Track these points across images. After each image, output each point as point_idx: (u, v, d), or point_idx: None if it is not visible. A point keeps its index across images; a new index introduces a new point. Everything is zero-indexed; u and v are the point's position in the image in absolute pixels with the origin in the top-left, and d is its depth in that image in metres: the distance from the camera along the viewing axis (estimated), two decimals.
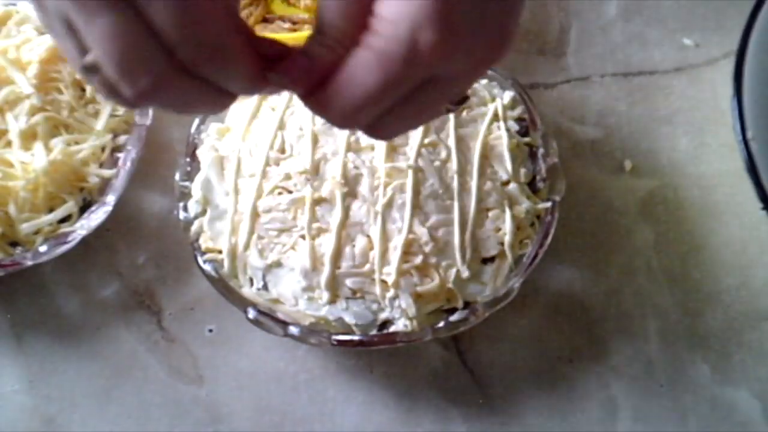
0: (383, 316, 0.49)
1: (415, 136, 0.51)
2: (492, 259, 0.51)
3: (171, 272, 0.57)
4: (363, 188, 0.50)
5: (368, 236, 0.49)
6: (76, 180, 0.54)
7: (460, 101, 0.48)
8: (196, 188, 0.53)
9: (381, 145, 0.51)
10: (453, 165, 0.51)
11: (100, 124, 0.55)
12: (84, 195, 0.55)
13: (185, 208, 0.53)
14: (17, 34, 0.57)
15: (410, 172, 0.50)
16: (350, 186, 0.50)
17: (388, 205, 0.50)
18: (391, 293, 0.48)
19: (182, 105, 0.33)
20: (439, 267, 0.49)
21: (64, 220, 0.53)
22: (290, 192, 0.51)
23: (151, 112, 0.56)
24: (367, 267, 0.49)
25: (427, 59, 0.31)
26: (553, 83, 0.63)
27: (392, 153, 0.51)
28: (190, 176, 0.54)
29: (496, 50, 0.33)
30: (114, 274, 0.57)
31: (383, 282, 0.48)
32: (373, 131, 0.36)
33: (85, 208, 0.54)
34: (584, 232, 0.58)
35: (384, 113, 0.34)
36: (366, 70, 0.32)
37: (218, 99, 0.33)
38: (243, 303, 0.50)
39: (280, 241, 0.50)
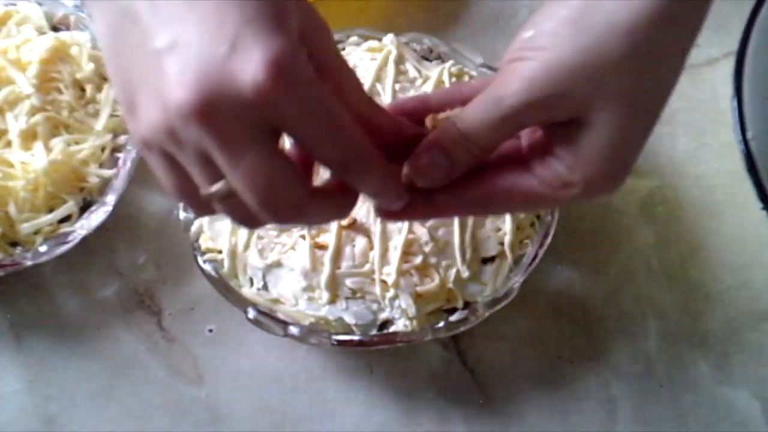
0: (383, 316, 0.49)
1: None
2: (492, 259, 0.51)
3: (171, 272, 0.57)
4: None
5: (368, 236, 0.49)
6: (76, 180, 0.54)
7: None
8: None
9: None
10: None
11: (100, 124, 0.55)
12: (84, 195, 0.55)
13: (185, 208, 0.53)
14: (17, 34, 0.57)
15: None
16: None
17: None
18: (391, 293, 0.48)
19: (316, 221, 0.35)
20: (439, 267, 0.49)
21: (64, 220, 0.53)
22: None
23: None
24: (367, 267, 0.49)
25: (561, 204, 0.36)
26: None
27: None
28: None
29: (612, 191, 0.36)
30: (114, 274, 0.57)
31: (383, 282, 0.48)
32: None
33: (85, 208, 0.54)
34: (584, 232, 0.58)
35: None
36: (531, 201, 0.35)
37: (347, 207, 0.35)
38: (243, 303, 0.50)
39: (280, 241, 0.50)
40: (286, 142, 0.36)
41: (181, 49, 0.29)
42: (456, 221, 0.50)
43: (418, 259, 0.49)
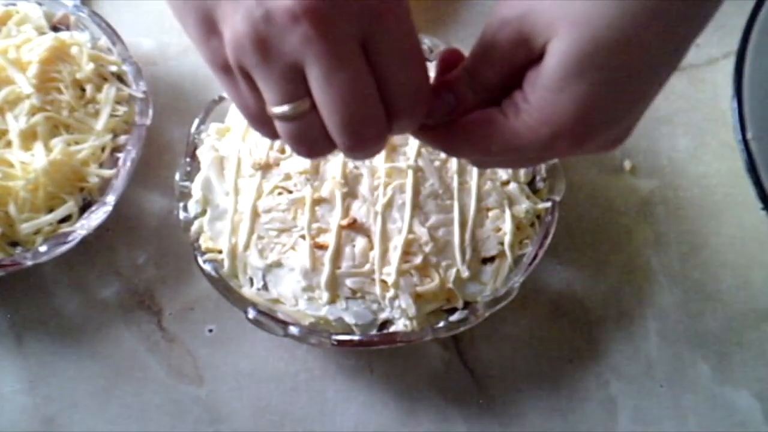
0: (383, 316, 0.49)
1: None
2: (492, 259, 0.51)
3: (171, 272, 0.57)
4: (363, 188, 0.50)
5: (368, 236, 0.49)
6: (76, 180, 0.54)
7: None
8: (196, 188, 0.53)
9: None
10: (453, 165, 0.51)
11: (100, 124, 0.55)
12: (84, 195, 0.55)
13: (185, 208, 0.53)
14: (17, 34, 0.57)
15: (410, 172, 0.50)
16: (350, 186, 0.50)
17: (388, 205, 0.50)
18: (391, 293, 0.48)
19: (379, 150, 0.35)
20: (439, 267, 0.49)
21: (64, 220, 0.53)
22: (290, 192, 0.51)
23: (151, 112, 0.56)
24: (367, 267, 0.49)
25: (552, 155, 0.35)
26: None
27: (392, 153, 0.51)
28: (190, 176, 0.54)
29: (612, 148, 0.36)
30: (114, 274, 0.57)
31: (383, 282, 0.48)
32: (473, 162, 0.39)
33: (85, 208, 0.54)
34: (584, 232, 0.58)
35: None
36: (493, 136, 0.34)
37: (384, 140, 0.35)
38: (243, 303, 0.50)
39: (280, 241, 0.50)
40: None
41: None
42: (456, 221, 0.50)
43: (418, 259, 0.49)
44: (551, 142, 0.33)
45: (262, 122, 0.34)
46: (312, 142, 0.33)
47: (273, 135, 0.34)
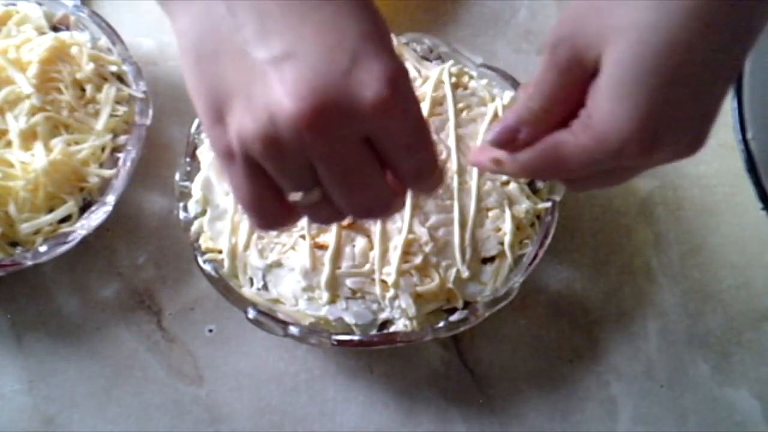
0: (383, 316, 0.49)
1: None
2: (492, 259, 0.51)
3: (171, 272, 0.57)
4: None
5: (368, 236, 0.49)
6: (76, 180, 0.54)
7: None
8: (196, 188, 0.53)
9: None
10: (453, 165, 0.51)
11: (100, 124, 0.55)
12: (84, 195, 0.55)
13: (185, 208, 0.53)
14: (17, 34, 0.57)
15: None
16: None
17: None
18: (391, 293, 0.48)
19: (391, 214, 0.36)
20: (439, 267, 0.49)
21: (64, 220, 0.53)
22: None
23: (151, 112, 0.56)
24: (367, 267, 0.49)
25: (626, 163, 0.34)
26: None
27: None
28: (190, 176, 0.54)
29: (689, 153, 0.36)
30: (114, 274, 0.57)
31: (383, 282, 0.48)
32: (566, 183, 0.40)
33: (85, 208, 0.54)
34: (584, 232, 0.58)
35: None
36: (573, 158, 0.34)
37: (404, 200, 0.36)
38: (243, 303, 0.50)
39: (280, 241, 0.50)
40: None
41: (297, 60, 0.29)
42: (456, 221, 0.50)
43: (418, 259, 0.49)
44: (620, 151, 0.33)
45: (255, 211, 0.34)
46: (326, 217, 0.35)
47: (262, 226, 0.35)
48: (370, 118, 0.30)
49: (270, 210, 0.34)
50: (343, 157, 0.31)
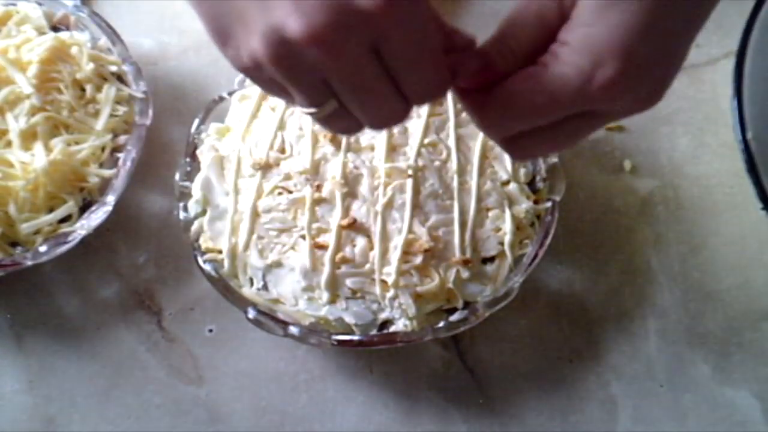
0: (383, 316, 0.49)
1: (415, 135, 0.52)
2: (492, 259, 0.51)
3: (171, 272, 0.57)
4: (363, 188, 0.50)
5: (368, 236, 0.49)
6: (76, 180, 0.54)
7: None
8: (196, 188, 0.53)
9: (381, 145, 0.51)
10: (453, 165, 0.51)
11: (100, 124, 0.55)
12: (84, 195, 0.55)
13: (185, 208, 0.53)
14: (17, 34, 0.57)
15: (410, 172, 0.50)
16: (350, 186, 0.50)
17: (388, 205, 0.50)
18: (391, 293, 0.48)
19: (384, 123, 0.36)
20: (439, 267, 0.49)
21: (64, 220, 0.53)
22: (290, 192, 0.51)
23: (151, 112, 0.56)
24: (367, 267, 0.49)
25: (597, 93, 0.33)
26: None
27: (392, 153, 0.51)
28: (190, 176, 0.54)
29: (656, 97, 0.35)
30: (114, 274, 0.57)
31: (383, 282, 0.48)
32: (510, 146, 0.37)
33: (85, 208, 0.54)
34: (584, 232, 0.58)
35: (528, 132, 0.35)
36: (535, 88, 0.33)
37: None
38: (243, 303, 0.50)
39: (280, 241, 0.50)
40: None
41: None
42: (456, 221, 0.50)
43: (418, 259, 0.49)
44: (593, 72, 0.32)
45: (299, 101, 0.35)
46: (342, 127, 0.36)
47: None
48: (374, 23, 0.30)
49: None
50: (353, 69, 0.31)
